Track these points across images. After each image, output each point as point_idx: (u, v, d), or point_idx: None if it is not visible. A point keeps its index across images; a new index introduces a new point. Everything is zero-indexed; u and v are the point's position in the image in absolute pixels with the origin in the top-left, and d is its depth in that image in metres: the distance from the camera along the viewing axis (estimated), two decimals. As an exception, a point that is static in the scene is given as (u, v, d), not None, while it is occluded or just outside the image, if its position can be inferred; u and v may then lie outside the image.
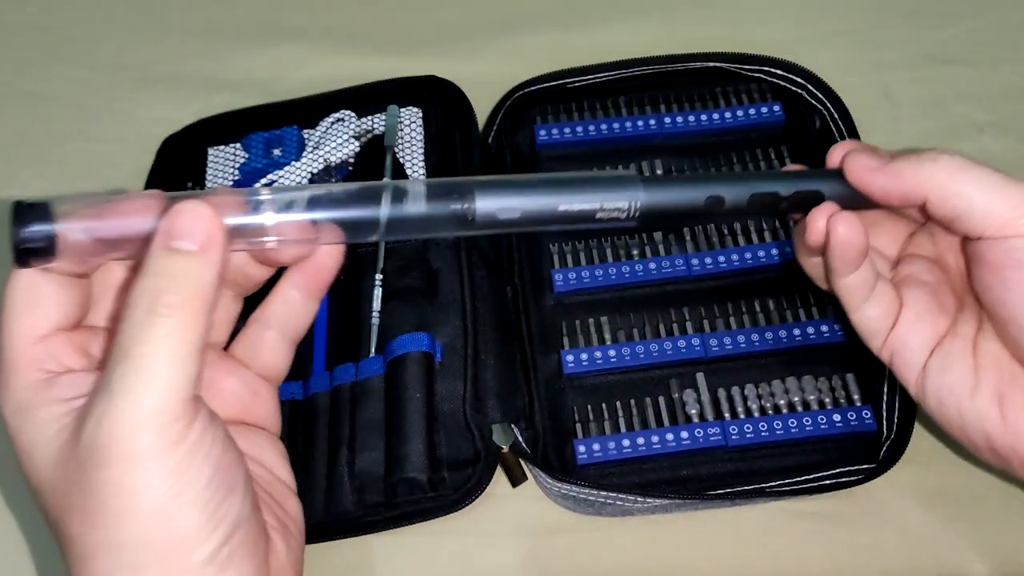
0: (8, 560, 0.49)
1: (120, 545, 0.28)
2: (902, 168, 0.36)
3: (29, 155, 0.63)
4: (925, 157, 0.36)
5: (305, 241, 0.32)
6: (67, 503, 0.29)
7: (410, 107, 0.59)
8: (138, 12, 0.68)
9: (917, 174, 0.35)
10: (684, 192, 0.36)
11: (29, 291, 0.30)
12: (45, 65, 0.66)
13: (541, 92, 0.58)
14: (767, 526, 0.47)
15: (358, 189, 0.32)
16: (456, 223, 0.33)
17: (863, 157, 0.36)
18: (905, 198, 0.36)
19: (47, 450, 0.29)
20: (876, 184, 0.36)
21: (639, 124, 0.57)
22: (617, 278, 0.52)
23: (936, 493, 0.47)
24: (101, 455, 0.27)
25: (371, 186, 0.32)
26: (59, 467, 0.29)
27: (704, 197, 0.36)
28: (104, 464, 0.27)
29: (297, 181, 0.57)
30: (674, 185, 0.36)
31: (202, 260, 0.28)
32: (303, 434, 0.49)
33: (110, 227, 0.30)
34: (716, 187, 0.36)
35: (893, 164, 0.36)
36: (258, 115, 0.61)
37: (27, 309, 0.30)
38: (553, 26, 0.65)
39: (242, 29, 0.67)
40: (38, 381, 0.30)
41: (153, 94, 0.64)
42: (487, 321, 0.52)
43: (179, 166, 0.60)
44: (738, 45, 0.58)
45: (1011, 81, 0.61)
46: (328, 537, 0.47)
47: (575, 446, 0.47)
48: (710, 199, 0.36)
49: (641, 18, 0.65)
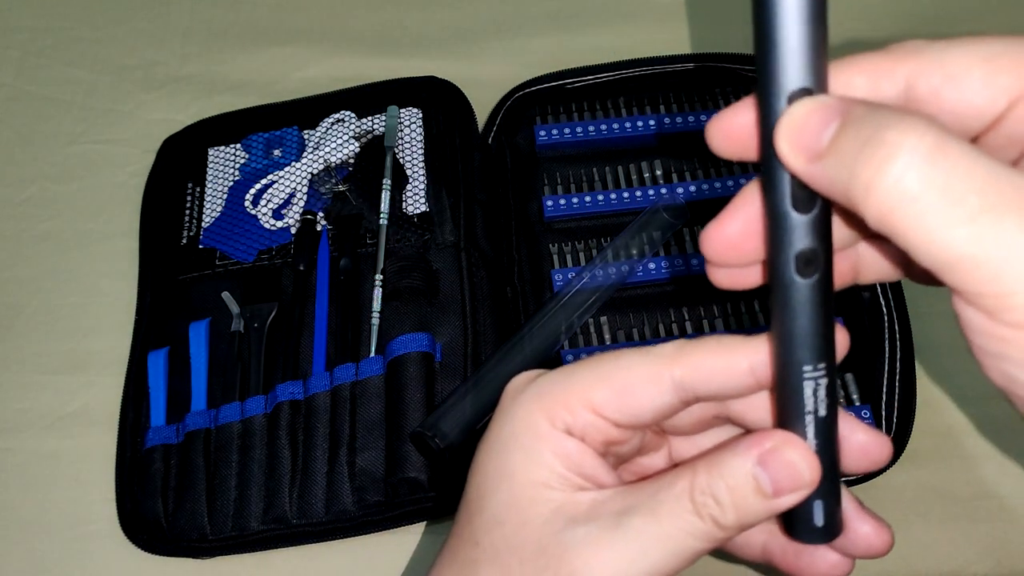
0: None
1: None
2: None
3: (32, 156, 0.63)
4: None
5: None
6: (505, 555, 0.29)
7: (410, 108, 0.59)
8: (140, 14, 0.68)
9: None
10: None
11: (635, 385, 0.29)
12: (48, 67, 0.66)
13: (541, 93, 0.59)
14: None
15: None
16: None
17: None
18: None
19: (518, 487, 0.29)
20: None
21: (639, 124, 0.57)
22: (617, 278, 0.52)
23: (935, 493, 0.47)
24: (565, 566, 0.28)
25: None
26: (519, 516, 0.29)
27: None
28: (556, 572, 0.28)
29: (297, 181, 0.57)
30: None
31: (767, 507, 0.28)
32: (303, 434, 0.49)
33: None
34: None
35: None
36: (258, 115, 0.61)
37: (614, 390, 0.29)
38: (553, 27, 0.65)
39: (243, 31, 0.67)
40: (561, 429, 0.29)
41: (155, 95, 0.64)
42: (487, 321, 0.52)
43: (179, 166, 0.60)
44: (737, 46, 0.58)
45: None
46: (328, 537, 0.47)
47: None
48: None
49: (640, 19, 0.65)
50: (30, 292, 0.57)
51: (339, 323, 0.52)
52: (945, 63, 0.24)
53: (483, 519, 0.30)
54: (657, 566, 0.27)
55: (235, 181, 0.58)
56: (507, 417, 0.30)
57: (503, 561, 0.29)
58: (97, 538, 0.49)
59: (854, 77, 0.25)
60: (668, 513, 0.27)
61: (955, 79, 0.24)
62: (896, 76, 0.25)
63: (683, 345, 0.29)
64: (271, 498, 0.48)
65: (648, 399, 0.29)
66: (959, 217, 0.21)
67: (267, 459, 0.49)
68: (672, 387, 0.28)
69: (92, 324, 0.56)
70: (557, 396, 0.29)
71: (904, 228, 0.22)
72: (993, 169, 0.21)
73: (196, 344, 0.53)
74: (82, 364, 0.55)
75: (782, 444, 0.27)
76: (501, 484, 0.30)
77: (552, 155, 0.57)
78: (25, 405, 0.54)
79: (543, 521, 0.28)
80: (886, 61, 0.25)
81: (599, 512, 0.28)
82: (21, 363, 0.55)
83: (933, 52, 0.24)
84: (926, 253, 0.22)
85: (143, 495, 0.49)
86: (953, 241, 0.21)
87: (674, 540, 0.27)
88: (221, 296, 0.53)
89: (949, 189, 0.21)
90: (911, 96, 0.24)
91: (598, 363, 0.30)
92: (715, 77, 0.58)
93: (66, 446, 0.52)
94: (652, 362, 0.29)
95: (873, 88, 0.25)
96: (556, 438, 0.29)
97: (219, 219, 0.57)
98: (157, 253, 0.57)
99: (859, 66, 0.25)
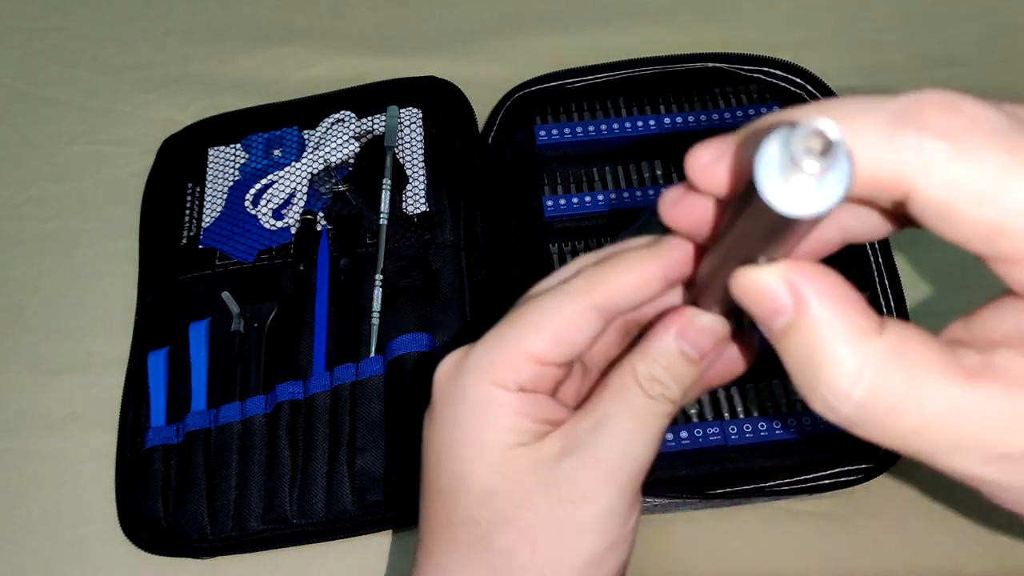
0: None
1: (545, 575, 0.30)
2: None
3: (32, 156, 0.63)
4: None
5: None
6: (512, 515, 0.30)
7: (410, 108, 0.59)
8: (140, 14, 0.68)
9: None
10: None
11: (566, 325, 0.30)
12: (47, 67, 0.66)
13: (541, 92, 0.59)
14: (766, 526, 0.47)
15: None
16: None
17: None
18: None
19: (498, 454, 0.31)
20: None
21: (639, 124, 0.57)
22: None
23: (935, 493, 0.47)
24: (577, 493, 0.30)
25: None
26: (508, 477, 0.30)
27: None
28: (575, 502, 0.30)
29: (297, 181, 0.57)
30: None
31: (698, 368, 0.31)
32: (303, 434, 0.49)
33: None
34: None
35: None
36: (258, 115, 0.61)
37: (550, 336, 0.30)
38: (552, 27, 0.65)
39: (243, 31, 0.67)
40: (514, 390, 0.31)
41: (155, 95, 0.64)
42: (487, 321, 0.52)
43: (179, 166, 0.60)
44: (737, 46, 0.58)
45: (1011, 83, 0.61)
46: (328, 537, 0.48)
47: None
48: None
49: (640, 19, 0.65)
50: (30, 292, 0.57)
51: (339, 323, 0.52)
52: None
53: (471, 499, 0.31)
54: (641, 453, 0.30)
55: (235, 181, 0.58)
56: (457, 399, 0.31)
57: (514, 521, 0.30)
58: (97, 538, 0.49)
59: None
60: (629, 408, 0.30)
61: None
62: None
63: (595, 272, 0.31)
64: (271, 498, 0.48)
65: (580, 333, 0.30)
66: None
67: (267, 459, 0.49)
68: (598, 315, 0.30)
69: (92, 324, 0.56)
70: (499, 360, 0.31)
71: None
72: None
73: (196, 344, 0.53)
74: (82, 364, 0.55)
75: (691, 315, 0.30)
76: (478, 460, 0.31)
77: (552, 155, 0.57)
78: (25, 405, 0.54)
79: (533, 470, 0.30)
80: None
81: (575, 440, 0.30)
82: (21, 363, 0.55)
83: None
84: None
85: (143, 495, 0.49)
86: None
87: (643, 425, 0.30)
88: (221, 296, 0.53)
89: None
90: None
91: (524, 315, 0.31)
92: (715, 77, 0.58)
93: (66, 446, 0.52)
94: (575, 298, 0.30)
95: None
96: (514, 400, 0.31)
97: (219, 219, 0.57)
98: (157, 253, 0.57)
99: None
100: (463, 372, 0.31)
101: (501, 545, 0.30)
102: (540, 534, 0.30)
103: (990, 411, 0.22)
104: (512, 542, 0.30)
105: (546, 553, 0.30)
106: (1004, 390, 0.22)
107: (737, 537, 0.47)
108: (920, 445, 0.23)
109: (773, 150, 0.20)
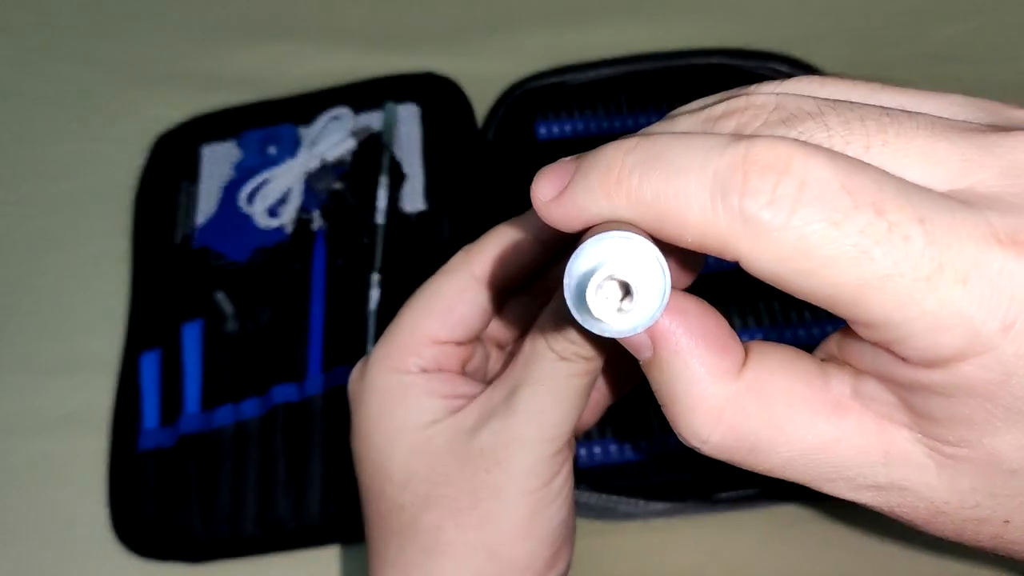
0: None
1: (475, 548, 0.30)
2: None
3: (25, 153, 0.62)
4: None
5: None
6: (433, 493, 0.31)
7: (408, 104, 0.58)
8: (134, 10, 0.68)
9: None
10: None
11: (452, 300, 0.32)
12: (40, 63, 0.66)
13: (541, 88, 0.58)
14: (770, 530, 0.46)
15: None
16: None
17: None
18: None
19: (412, 435, 0.31)
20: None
21: (640, 121, 0.56)
22: (618, 277, 0.51)
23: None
24: (490, 460, 0.30)
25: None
26: (425, 456, 0.31)
27: None
28: (489, 470, 0.30)
29: (293, 179, 0.56)
30: None
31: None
32: (300, 436, 0.48)
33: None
34: None
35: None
36: (253, 112, 0.60)
37: (439, 314, 0.31)
38: (552, 22, 0.65)
39: (238, 26, 0.66)
40: (418, 372, 0.32)
41: (149, 92, 0.64)
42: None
43: (173, 164, 0.59)
44: (738, 42, 0.58)
45: (1012, 80, 0.60)
46: (327, 540, 0.47)
47: (576, 448, 0.47)
48: None
49: (641, 14, 0.65)
50: (22, 292, 0.57)
51: (335, 323, 0.52)
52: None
53: (393, 484, 0.31)
54: (558, 415, 0.30)
55: (229, 179, 0.58)
56: (367, 395, 0.32)
57: (436, 499, 0.31)
58: (89, 542, 0.49)
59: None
60: (543, 372, 0.30)
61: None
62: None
63: (470, 246, 0.32)
64: (266, 502, 0.47)
65: (468, 308, 0.31)
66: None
67: (262, 462, 0.48)
68: (480, 286, 0.31)
69: (84, 324, 0.55)
70: (397, 348, 0.32)
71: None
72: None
73: (190, 345, 0.52)
74: (74, 365, 0.54)
75: None
76: (395, 445, 0.31)
77: (553, 151, 0.57)
78: (16, 407, 0.53)
79: (450, 446, 0.31)
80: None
81: (490, 410, 0.30)
82: (12, 364, 0.54)
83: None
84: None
85: (136, 498, 0.48)
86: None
87: (557, 386, 0.30)
88: (215, 296, 0.52)
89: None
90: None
91: (414, 303, 0.32)
92: (717, 73, 0.58)
93: (58, 448, 0.51)
94: (454, 275, 0.32)
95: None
96: (418, 380, 0.31)
97: (213, 217, 0.56)
98: (150, 252, 0.56)
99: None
100: (367, 370, 0.32)
101: (426, 523, 0.31)
102: (462, 507, 0.30)
103: (854, 445, 0.22)
104: (436, 519, 0.31)
105: (469, 524, 0.30)
106: (871, 423, 0.22)
107: (740, 542, 0.46)
108: (792, 476, 0.23)
109: (582, 270, 0.20)
